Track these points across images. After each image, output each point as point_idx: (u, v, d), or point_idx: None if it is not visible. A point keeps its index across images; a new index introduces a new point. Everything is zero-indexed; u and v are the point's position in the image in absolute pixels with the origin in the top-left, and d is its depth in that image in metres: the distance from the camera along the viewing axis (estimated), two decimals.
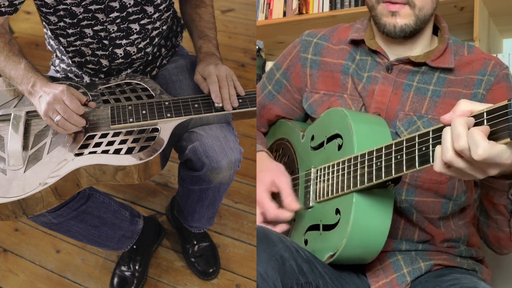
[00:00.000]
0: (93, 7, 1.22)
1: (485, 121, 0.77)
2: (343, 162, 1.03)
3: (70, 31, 1.27)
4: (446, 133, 0.79)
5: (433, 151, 0.84)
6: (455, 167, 0.79)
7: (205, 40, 1.36)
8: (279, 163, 1.18)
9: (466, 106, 0.80)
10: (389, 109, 1.15)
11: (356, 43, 1.23)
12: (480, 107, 0.79)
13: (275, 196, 1.12)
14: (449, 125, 0.80)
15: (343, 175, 1.03)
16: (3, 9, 1.22)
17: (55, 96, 1.14)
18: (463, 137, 0.76)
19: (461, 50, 1.19)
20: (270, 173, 1.14)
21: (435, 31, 1.22)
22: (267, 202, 1.10)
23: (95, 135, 1.19)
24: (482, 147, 0.74)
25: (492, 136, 0.76)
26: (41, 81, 1.18)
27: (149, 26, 1.31)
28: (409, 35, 1.14)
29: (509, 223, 1.00)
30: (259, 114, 1.35)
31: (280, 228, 1.09)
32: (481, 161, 0.75)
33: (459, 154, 0.78)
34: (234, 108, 1.25)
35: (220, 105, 1.24)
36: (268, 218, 1.09)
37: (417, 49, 1.18)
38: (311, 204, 1.11)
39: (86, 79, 1.38)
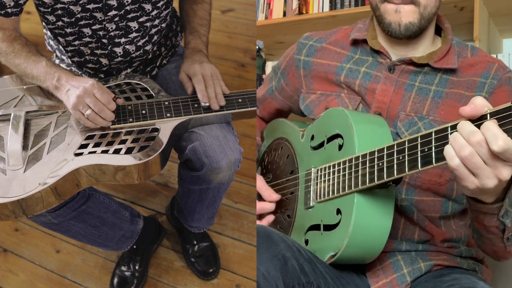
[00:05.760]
0: (91, 6, 1.22)
1: None
2: (344, 162, 1.03)
3: (68, 30, 1.27)
4: (460, 129, 0.78)
5: (435, 152, 0.84)
6: (472, 162, 0.77)
7: (195, 36, 1.36)
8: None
9: (483, 100, 0.78)
10: (390, 109, 1.15)
11: (357, 43, 1.23)
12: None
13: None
14: (469, 117, 0.78)
15: (344, 175, 1.03)
16: (9, 10, 1.21)
17: (85, 89, 1.14)
18: (477, 132, 0.75)
19: (465, 52, 1.19)
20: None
21: (438, 31, 1.22)
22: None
23: (95, 135, 1.19)
24: (503, 137, 0.74)
25: None
26: (66, 75, 1.18)
27: (148, 24, 1.31)
28: (413, 34, 1.14)
29: (502, 239, 1.00)
30: (262, 104, 1.41)
31: (267, 220, 1.20)
32: (500, 152, 0.74)
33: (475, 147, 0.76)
34: (221, 108, 1.25)
35: (207, 104, 1.24)
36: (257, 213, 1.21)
37: (420, 49, 1.18)
38: (311, 204, 1.10)
39: None
